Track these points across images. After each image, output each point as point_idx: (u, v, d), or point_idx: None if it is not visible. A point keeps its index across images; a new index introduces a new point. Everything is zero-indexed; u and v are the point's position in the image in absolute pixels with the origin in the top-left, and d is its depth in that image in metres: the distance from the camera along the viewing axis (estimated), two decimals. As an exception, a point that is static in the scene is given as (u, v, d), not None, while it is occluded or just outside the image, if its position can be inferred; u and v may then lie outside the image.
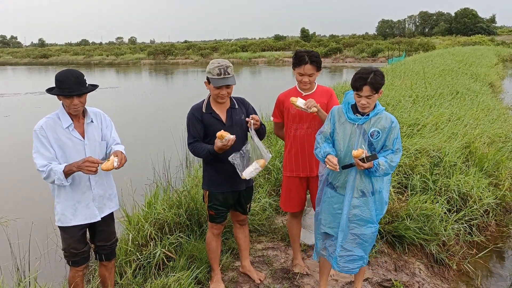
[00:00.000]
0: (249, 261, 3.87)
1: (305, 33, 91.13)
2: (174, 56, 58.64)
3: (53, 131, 2.94)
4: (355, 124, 3.02)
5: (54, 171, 2.84)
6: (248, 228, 3.83)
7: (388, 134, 2.99)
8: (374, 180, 3.07)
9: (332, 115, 3.14)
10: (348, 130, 3.04)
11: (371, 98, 2.91)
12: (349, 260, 3.20)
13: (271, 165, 6.03)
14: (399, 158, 3.03)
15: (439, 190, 5.23)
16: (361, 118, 3.01)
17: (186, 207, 4.41)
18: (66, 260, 3.19)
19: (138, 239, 3.96)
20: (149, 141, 10.97)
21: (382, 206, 3.18)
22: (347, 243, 3.17)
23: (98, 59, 62.80)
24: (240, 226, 3.74)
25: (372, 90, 2.88)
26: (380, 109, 3.03)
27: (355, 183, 3.06)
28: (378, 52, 47.04)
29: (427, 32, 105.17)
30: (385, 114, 3.03)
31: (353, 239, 3.16)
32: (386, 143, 3.01)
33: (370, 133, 2.98)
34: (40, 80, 34.17)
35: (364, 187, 3.06)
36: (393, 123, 3.00)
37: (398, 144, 3.01)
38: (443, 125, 7.21)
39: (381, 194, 3.14)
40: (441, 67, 17.18)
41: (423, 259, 4.47)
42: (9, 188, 7.63)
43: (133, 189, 4.99)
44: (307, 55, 3.42)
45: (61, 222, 3.07)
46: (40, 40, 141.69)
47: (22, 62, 67.41)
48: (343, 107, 3.11)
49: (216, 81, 3.24)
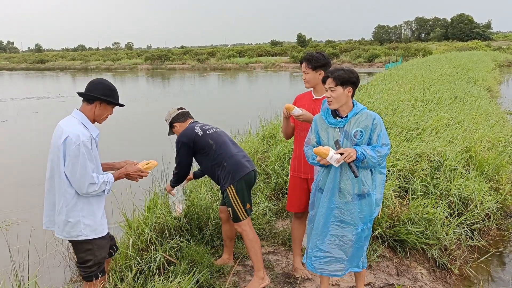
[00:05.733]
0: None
1: (302, 39, 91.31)
2: (171, 62, 58.66)
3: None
4: (336, 127, 3.03)
5: (105, 182, 2.91)
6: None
7: (372, 132, 2.98)
8: (362, 181, 3.02)
9: (315, 124, 3.17)
10: (331, 135, 3.04)
11: (334, 91, 2.95)
12: (325, 262, 3.16)
13: (271, 169, 6.01)
14: (388, 150, 3.00)
15: (440, 194, 5.21)
16: (340, 120, 3.02)
17: (186, 211, 4.37)
18: (92, 275, 3.05)
19: (139, 244, 3.92)
20: (147, 146, 10.93)
21: (370, 209, 3.10)
22: (324, 244, 3.13)
23: (95, 65, 62.72)
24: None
25: (334, 82, 2.94)
26: (359, 108, 3.03)
27: (339, 184, 3.03)
28: (375, 58, 47.26)
29: (424, 38, 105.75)
30: (366, 112, 3.03)
31: (332, 240, 3.12)
32: (371, 141, 2.99)
33: (353, 134, 2.98)
34: (38, 85, 34.10)
35: (350, 190, 3.02)
36: (375, 120, 2.99)
37: (384, 139, 2.99)
38: (442, 129, 7.21)
39: (370, 197, 3.07)
40: (438, 72, 17.25)
41: (425, 264, 4.45)
42: (8, 192, 7.58)
43: (132, 193, 4.95)
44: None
45: (95, 234, 2.98)
46: (37, 46, 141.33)
47: (19, 67, 67.30)
48: (322, 114, 3.13)
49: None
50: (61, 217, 2.92)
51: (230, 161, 3.65)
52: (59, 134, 2.88)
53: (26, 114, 16.88)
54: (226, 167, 3.64)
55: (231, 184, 3.60)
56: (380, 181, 3.14)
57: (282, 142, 6.74)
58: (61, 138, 2.84)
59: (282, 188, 5.67)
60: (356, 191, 3.03)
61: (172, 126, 3.98)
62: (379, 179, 3.12)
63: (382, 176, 3.15)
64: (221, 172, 3.65)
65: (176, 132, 3.95)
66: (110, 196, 5.10)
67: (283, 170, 5.88)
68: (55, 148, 2.88)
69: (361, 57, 48.37)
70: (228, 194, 3.60)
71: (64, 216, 2.91)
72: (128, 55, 69.33)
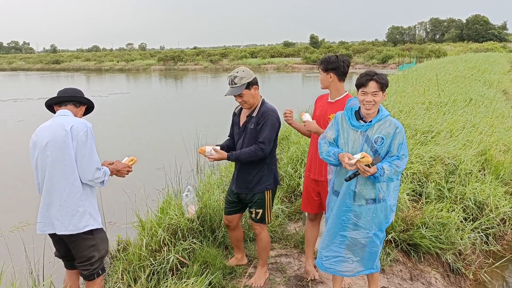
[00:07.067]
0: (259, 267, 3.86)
1: (314, 40, 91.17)
2: (183, 62, 58.99)
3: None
4: (358, 131, 2.98)
5: (105, 173, 3.03)
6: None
7: (392, 140, 2.93)
8: (378, 188, 3.00)
9: (336, 121, 3.10)
10: (352, 137, 3.00)
11: (377, 95, 2.87)
12: (335, 262, 3.16)
13: (283, 171, 6.01)
14: (405, 164, 2.96)
15: (454, 198, 5.16)
16: (364, 124, 2.96)
17: (198, 213, 4.39)
18: (95, 272, 3.09)
19: (152, 244, 3.94)
20: (161, 147, 11.01)
21: (386, 214, 3.09)
22: (334, 244, 3.14)
23: (109, 65, 63.36)
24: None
25: (378, 86, 2.86)
26: (383, 115, 2.97)
27: (355, 188, 3.00)
28: (388, 59, 46.96)
29: (438, 39, 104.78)
30: (390, 119, 2.97)
31: (341, 241, 3.11)
32: (391, 149, 2.94)
33: (374, 139, 2.93)
34: (53, 85, 34.54)
35: (366, 194, 3.00)
36: (398, 129, 2.93)
37: (403, 150, 2.94)
38: (457, 132, 7.14)
39: (385, 203, 3.05)
40: (453, 74, 17.06)
41: (439, 268, 4.40)
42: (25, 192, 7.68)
43: (146, 194, 4.99)
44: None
45: (98, 224, 3.07)
46: (52, 46, 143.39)
47: (34, 67, 68.23)
48: (345, 114, 3.07)
49: (227, 90, 3.52)
50: (66, 210, 2.94)
51: (276, 165, 3.70)
52: (55, 130, 2.95)
53: (41, 114, 17.10)
54: (273, 169, 3.66)
55: (271, 188, 3.64)
56: (394, 187, 3.12)
57: (295, 144, 6.73)
58: (62, 130, 2.92)
59: (294, 190, 5.66)
60: (372, 196, 3.01)
61: (250, 86, 3.47)
62: (393, 184, 3.10)
63: (397, 182, 3.13)
64: (267, 172, 3.61)
65: (250, 95, 3.48)
66: (124, 196, 5.18)
67: (295, 172, 5.88)
68: (55, 144, 2.92)
69: (374, 58, 48.12)
70: (264, 196, 3.61)
71: (72, 207, 2.94)
72: (142, 56, 69.92)
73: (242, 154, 3.47)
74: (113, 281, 3.70)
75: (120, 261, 3.94)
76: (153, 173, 7.89)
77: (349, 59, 3.61)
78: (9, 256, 3.97)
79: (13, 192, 7.86)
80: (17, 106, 20.47)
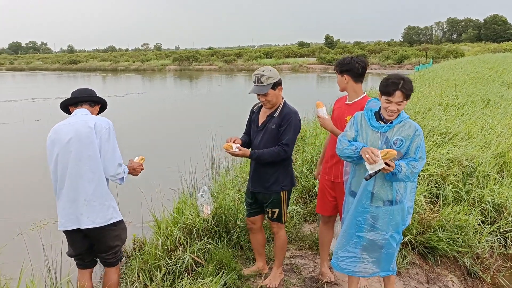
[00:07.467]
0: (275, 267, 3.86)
1: (329, 40, 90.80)
2: (198, 63, 59.29)
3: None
4: (377, 131, 2.97)
5: (124, 169, 3.19)
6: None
7: (411, 143, 2.92)
8: (396, 189, 2.98)
9: (355, 121, 3.10)
10: (371, 138, 2.99)
11: (401, 104, 2.87)
12: (350, 262, 3.15)
13: (298, 172, 6.00)
14: (422, 166, 2.94)
15: (472, 201, 5.08)
16: (384, 126, 2.96)
17: (213, 213, 4.40)
18: (119, 258, 3.28)
19: (167, 244, 3.97)
20: (176, 147, 11.09)
21: (403, 216, 3.07)
22: (350, 245, 3.13)
23: (125, 65, 64.01)
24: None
25: (404, 96, 2.84)
26: (404, 117, 2.96)
27: (373, 189, 2.99)
28: (404, 59, 46.46)
29: (455, 39, 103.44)
30: (409, 122, 2.97)
31: (357, 241, 3.10)
32: (409, 151, 2.94)
33: (393, 141, 2.92)
34: (70, 85, 35.02)
35: (383, 196, 2.99)
36: (417, 131, 2.93)
37: (421, 153, 2.93)
38: (475, 134, 7.04)
39: (402, 205, 3.03)
40: (471, 75, 16.82)
41: (456, 272, 4.35)
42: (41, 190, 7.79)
43: (161, 194, 5.03)
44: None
45: (119, 215, 3.22)
46: (69, 46, 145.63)
47: (52, 67, 69.31)
48: (365, 114, 3.06)
49: (251, 88, 3.50)
50: (93, 204, 3.04)
51: (291, 166, 3.71)
52: (78, 127, 3.04)
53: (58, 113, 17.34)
54: (290, 170, 3.67)
55: (288, 189, 3.66)
56: (411, 188, 3.10)
57: (310, 145, 6.71)
58: (86, 127, 3.03)
59: (309, 192, 5.64)
60: (390, 197, 2.99)
61: (275, 86, 3.47)
62: (410, 186, 3.08)
63: (413, 183, 3.10)
64: (283, 172, 3.61)
65: (274, 95, 3.48)
66: (140, 195, 5.22)
67: (310, 173, 5.86)
68: (79, 140, 3.01)
69: (390, 59, 47.67)
70: (280, 197, 3.62)
71: (99, 201, 3.06)
72: (157, 56, 70.43)
73: (264, 154, 3.45)
74: (130, 280, 3.74)
75: (136, 260, 3.98)
76: (168, 173, 7.94)
77: (365, 59, 3.57)
78: (28, 254, 4.03)
79: (30, 190, 7.98)
80: (35, 106, 20.81)
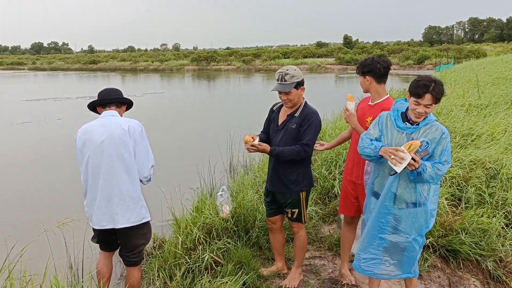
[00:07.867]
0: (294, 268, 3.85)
1: (348, 40, 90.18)
2: (216, 63, 59.50)
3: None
4: (403, 132, 2.93)
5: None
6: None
7: (437, 146, 2.87)
8: (419, 191, 2.93)
9: (380, 121, 3.06)
10: (396, 138, 2.95)
11: (430, 107, 2.82)
12: (372, 264, 3.11)
13: (317, 173, 5.96)
14: (446, 170, 2.89)
15: (496, 203, 4.98)
16: (410, 127, 2.91)
17: (233, 213, 4.41)
18: (142, 256, 3.36)
19: (187, 243, 3.99)
20: (195, 147, 11.15)
21: (426, 219, 3.02)
22: (372, 246, 3.09)
23: (144, 65, 64.67)
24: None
25: (433, 99, 2.79)
26: (431, 119, 2.91)
27: (396, 191, 2.94)
28: (425, 59, 45.83)
29: (477, 39, 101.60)
30: (436, 124, 2.91)
31: (379, 243, 3.07)
32: (434, 154, 2.88)
33: None
34: (90, 85, 35.55)
35: (406, 197, 2.94)
36: (444, 135, 2.87)
37: (446, 156, 2.87)
38: (499, 135, 6.89)
39: (425, 207, 2.99)
40: (494, 75, 16.49)
41: (478, 276, 4.26)
42: (64, 189, 7.93)
43: (181, 193, 5.06)
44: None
45: (149, 216, 3.30)
46: (90, 47, 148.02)
47: (73, 67, 70.46)
48: (392, 114, 3.02)
49: (274, 85, 3.48)
50: (127, 204, 3.10)
51: (310, 166, 3.69)
52: (112, 128, 3.08)
53: (79, 112, 17.64)
54: (308, 171, 3.65)
55: (306, 189, 3.64)
56: (434, 191, 3.05)
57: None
58: (120, 129, 3.08)
59: (328, 192, 5.61)
60: (413, 199, 2.95)
61: (298, 85, 3.46)
62: (434, 188, 3.03)
63: (437, 186, 3.05)
64: (302, 172, 3.59)
65: (296, 95, 3.47)
66: (160, 195, 5.27)
67: (330, 174, 5.82)
68: (114, 141, 3.06)
69: (410, 59, 47.08)
70: (299, 197, 3.61)
71: (134, 201, 3.13)
72: (175, 56, 71.01)
73: (284, 151, 3.42)
74: (150, 278, 3.77)
75: (156, 258, 4.02)
76: (187, 173, 7.98)
77: (388, 59, 3.52)
78: (51, 251, 4.10)
79: (54, 188, 8.12)
80: (57, 105, 21.16)
